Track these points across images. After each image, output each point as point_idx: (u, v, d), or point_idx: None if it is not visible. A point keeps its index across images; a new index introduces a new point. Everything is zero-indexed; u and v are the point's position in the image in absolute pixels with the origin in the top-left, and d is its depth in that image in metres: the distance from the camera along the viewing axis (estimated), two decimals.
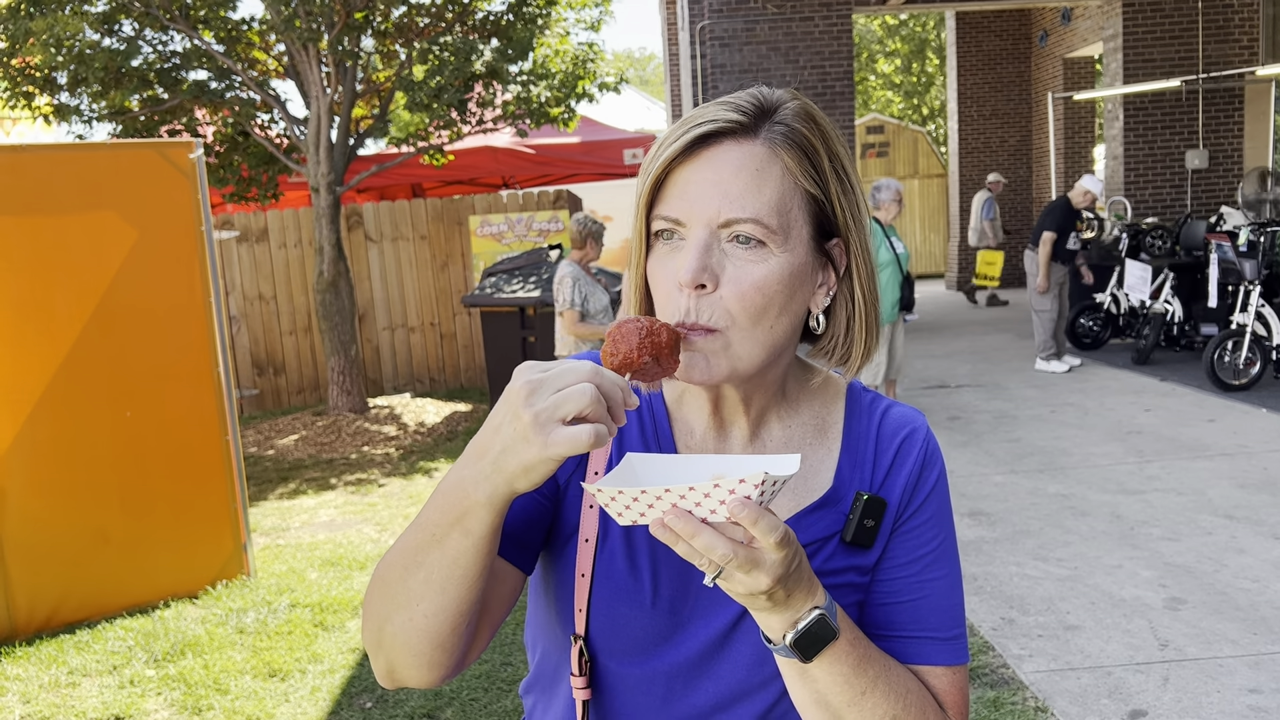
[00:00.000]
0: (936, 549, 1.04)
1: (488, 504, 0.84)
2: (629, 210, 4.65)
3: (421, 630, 0.92)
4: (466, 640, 0.95)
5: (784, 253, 0.95)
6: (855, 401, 1.09)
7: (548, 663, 1.09)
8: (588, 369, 0.81)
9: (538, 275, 8.31)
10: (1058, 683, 3.58)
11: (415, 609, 0.91)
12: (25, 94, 8.15)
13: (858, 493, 1.02)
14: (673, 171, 0.96)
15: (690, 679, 1.00)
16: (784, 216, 0.94)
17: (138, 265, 4.76)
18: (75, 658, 4.27)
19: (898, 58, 27.66)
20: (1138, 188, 12.70)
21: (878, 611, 1.03)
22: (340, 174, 8.66)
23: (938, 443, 1.09)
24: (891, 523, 1.03)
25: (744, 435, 1.06)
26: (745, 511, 0.78)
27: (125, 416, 4.74)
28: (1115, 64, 12.68)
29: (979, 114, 17.14)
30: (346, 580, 5.07)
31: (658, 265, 0.97)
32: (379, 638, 0.95)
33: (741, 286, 0.93)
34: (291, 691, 3.88)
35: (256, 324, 10.57)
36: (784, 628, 0.87)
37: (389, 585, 0.93)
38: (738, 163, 0.94)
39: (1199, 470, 5.98)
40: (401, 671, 0.96)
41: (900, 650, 1.01)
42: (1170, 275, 9.61)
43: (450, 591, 0.90)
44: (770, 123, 0.96)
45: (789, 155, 0.95)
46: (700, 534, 0.78)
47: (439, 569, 0.89)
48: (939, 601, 1.03)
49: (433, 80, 7.95)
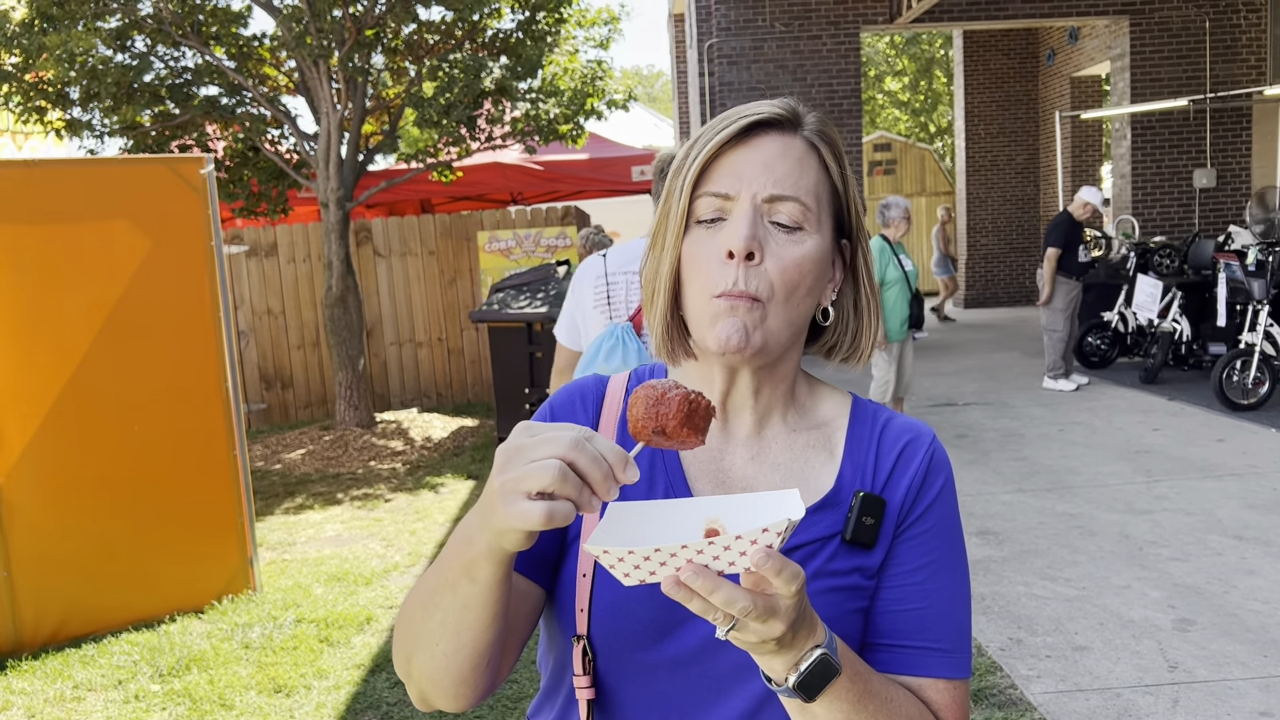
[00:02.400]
0: (942, 558, 1.05)
1: (488, 555, 0.85)
2: (635, 225, 4.69)
3: (443, 669, 0.95)
4: (493, 669, 0.98)
5: (817, 235, 1.02)
6: (860, 410, 1.12)
7: (554, 675, 1.10)
8: (569, 440, 0.77)
9: (545, 291, 8.33)
10: (1066, 704, 3.56)
11: (435, 649, 0.94)
12: (38, 109, 8.20)
13: (856, 491, 1.04)
14: (719, 156, 1.01)
15: (689, 671, 1.01)
16: (818, 203, 1.02)
17: (148, 280, 4.78)
18: (81, 672, 4.27)
19: (905, 76, 27.74)
20: (1145, 206, 12.70)
21: (882, 619, 1.03)
22: (350, 189, 8.70)
23: (946, 453, 1.10)
24: (894, 526, 1.04)
25: (747, 430, 1.08)
26: (770, 563, 0.76)
27: (133, 430, 4.75)
28: (1123, 83, 12.70)
29: (986, 132, 17.17)
30: (352, 596, 5.07)
31: (696, 246, 1.01)
32: (408, 669, 0.99)
33: (784, 262, 0.99)
34: (296, 708, 3.88)
35: (265, 338, 10.60)
36: (786, 669, 0.86)
37: (412, 623, 0.96)
38: (783, 149, 1.01)
39: (1208, 490, 5.96)
40: (433, 701, 1.00)
41: (901, 661, 1.02)
42: (1178, 294, 9.60)
43: (465, 634, 0.92)
44: (802, 123, 1.04)
45: (824, 150, 1.04)
46: (720, 589, 0.76)
47: (453, 612, 0.91)
48: (943, 612, 1.03)
49: (442, 97, 8.00)
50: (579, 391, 1.13)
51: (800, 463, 1.08)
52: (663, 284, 1.04)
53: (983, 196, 17.17)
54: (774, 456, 1.08)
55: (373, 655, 4.33)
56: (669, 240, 1.03)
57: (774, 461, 1.08)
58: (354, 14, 8.04)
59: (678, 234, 1.02)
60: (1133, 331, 10.37)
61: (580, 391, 1.13)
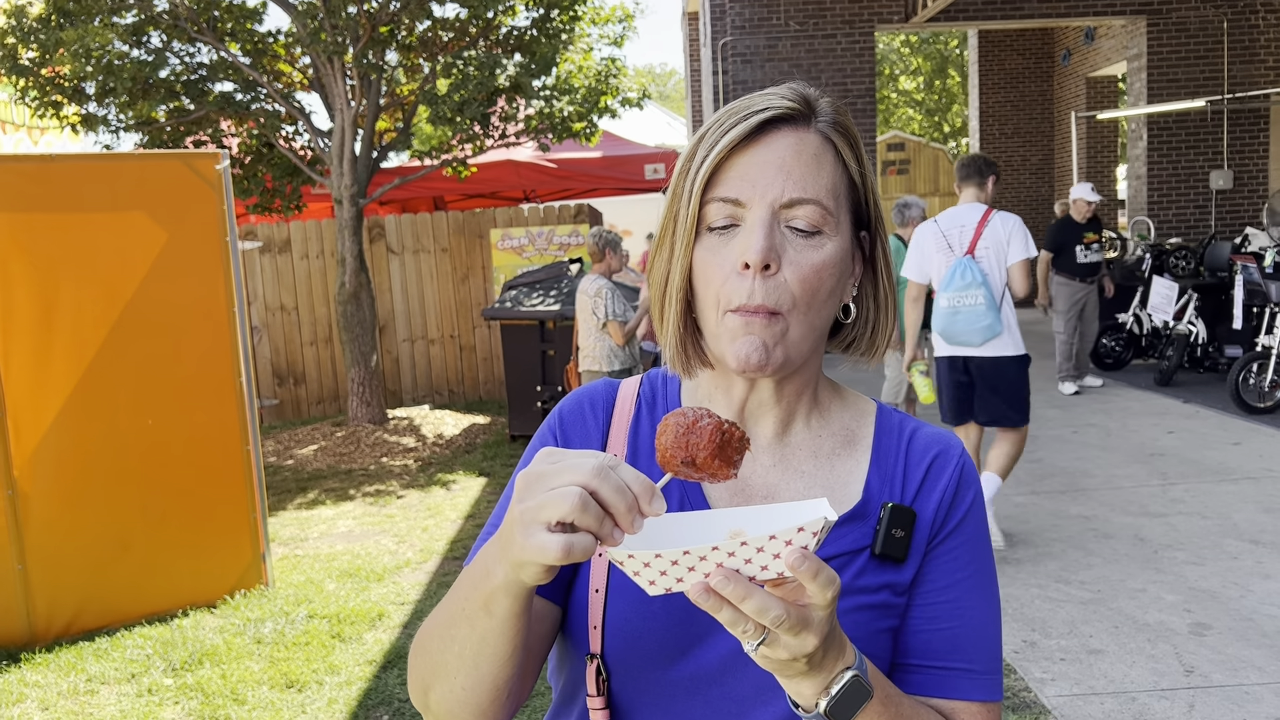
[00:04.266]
0: (974, 575, 1.01)
1: (505, 589, 0.81)
2: (648, 224, 4.70)
3: (462, 702, 0.91)
4: (513, 699, 0.94)
5: (837, 236, 0.96)
6: (885, 418, 1.07)
7: (565, 693, 1.06)
8: (592, 468, 0.73)
9: (558, 289, 8.33)
10: (1081, 708, 3.53)
11: (454, 681, 0.90)
12: (54, 103, 8.24)
13: (884, 502, 0.99)
14: (729, 158, 0.95)
15: (709, 692, 0.96)
16: (837, 201, 0.96)
17: (163, 275, 4.79)
18: (94, 665, 4.28)
19: (920, 75, 27.65)
20: (1161, 208, 12.63)
21: (914, 638, 0.99)
22: (363, 186, 8.71)
23: (975, 467, 1.06)
24: (925, 541, 1.00)
25: (769, 436, 1.03)
26: (806, 565, 0.71)
27: (147, 424, 4.76)
28: (1139, 83, 12.63)
29: (1001, 132, 17.10)
30: (364, 592, 5.07)
31: (709, 255, 0.95)
32: (425, 701, 0.94)
33: (803, 270, 0.93)
34: (308, 703, 3.88)
35: (278, 334, 10.63)
36: (816, 693, 0.81)
37: (429, 654, 0.92)
38: (797, 147, 0.95)
39: (1223, 494, 5.92)
40: None
41: (933, 682, 0.98)
42: (1194, 296, 9.54)
43: (483, 667, 0.88)
44: (816, 113, 0.97)
45: (840, 142, 0.97)
46: (752, 596, 0.72)
47: (470, 645, 0.87)
48: (976, 631, 0.99)
49: (456, 94, 8.00)
50: (589, 397, 1.09)
51: (826, 470, 1.03)
52: (674, 293, 0.98)
53: (997, 197, 17.08)
54: (798, 464, 1.03)
55: (384, 651, 4.33)
56: (679, 247, 0.97)
57: (798, 469, 1.03)
58: (368, 10, 8.04)
59: (688, 241, 0.96)
60: (1148, 334, 10.31)
61: (590, 397, 1.09)
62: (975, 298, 4.95)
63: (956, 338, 5.06)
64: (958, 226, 5.12)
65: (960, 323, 5.01)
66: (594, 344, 6.52)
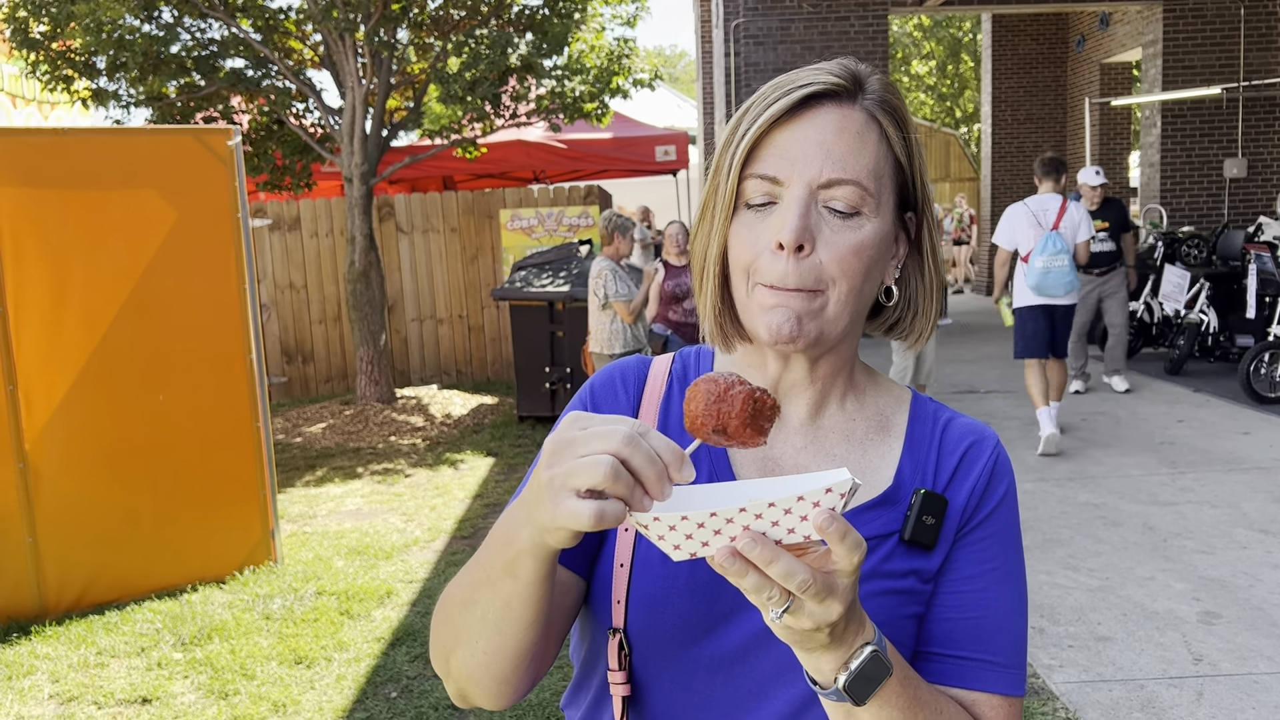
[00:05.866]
0: (1002, 567, 0.99)
1: (531, 552, 0.80)
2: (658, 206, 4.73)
3: (484, 666, 0.91)
4: (535, 665, 0.94)
5: (876, 218, 0.94)
6: (920, 406, 1.06)
7: (586, 667, 1.06)
8: (623, 435, 0.72)
9: (567, 270, 8.31)
10: (1089, 694, 3.53)
11: (475, 645, 0.90)
12: (65, 78, 8.22)
13: (916, 489, 0.98)
14: (770, 132, 0.93)
15: (730, 670, 0.96)
16: (879, 182, 0.94)
17: (174, 250, 4.78)
18: (104, 638, 4.30)
19: (932, 60, 27.49)
20: (1174, 196, 12.55)
21: (938, 626, 0.97)
22: (373, 165, 8.69)
23: (1009, 459, 1.04)
24: (955, 529, 0.98)
25: (802, 416, 1.02)
26: (834, 526, 0.70)
27: (158, 400, 4.77)
28: (1154, 70, 12.53)
29: (1013, 118, 17.00)
30: (372, 569, 5.09)
31: (744, 230, 0.94)
32: (446, 667, 0.95)
33: (840, 250, 0.92)
34: (317, 679, 3.90)
35: (286, 312, 10.63)
36: (836, 668, 0.80)
37: (451, 618, 0.93)
38: (840, 125, 0.93)
39: (1233, 483, 5.90)
40: (472, 698, 0.96)
41: (955, 672, 0.96)
42: (1206, 285, 9.49)
43: (506, 631, 0.87)
44: (864, 90, 0.95)
45: (886, 122, 0.95)
46: (779, 559, 0.70)
47: (494, 609, 0.87)
48: (1001, 623, 0.98)
49: (467, 73, 7.96)
50: (620, 372, 1.08)
51: (858, 454, 1.02)
52: (711, 266, 0.98)
53: (1008, 183, 17.00)
54: (830, 446, 1.02)
55: (393, 629, 4.34)
56: (717, 221, 0.96)
57: (830, 452, 1.02)
58: None
59: (725, 216, 0.95)
60: (1158, 322, 10.27)
61: (621, 372, 1.08)
62: (1063, 261, 6.58)
63: (1047, 290, 6.63)
64: (1043, 209, 6.71)
65: (1051, 279, 6.57)
66: (598, 326, 6.54)
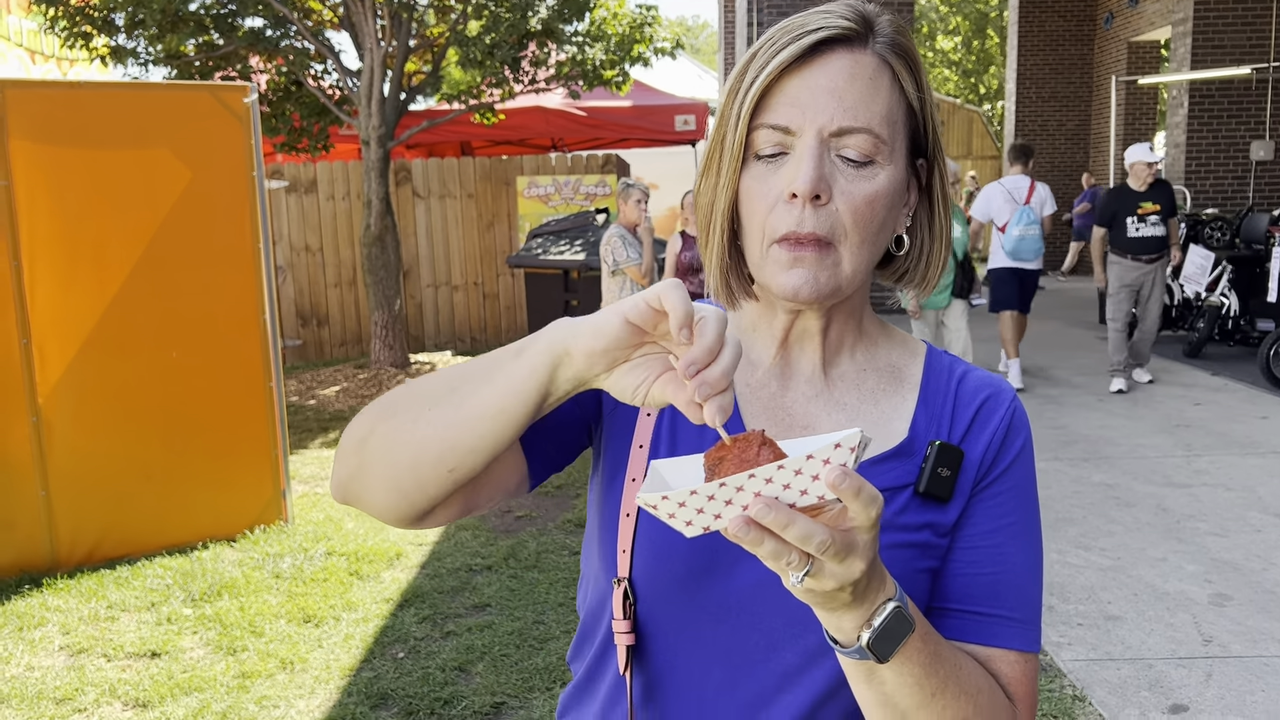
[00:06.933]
0: (1020, 521, 0.97)
1: (545, 350, 0.80)
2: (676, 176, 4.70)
3: (408, 451, 0.85)
4: (440, 491, 0.87)
5: (890, 166, 0.91)
6: (935, 359, 1.04)
7: (590, 617, 1.04)
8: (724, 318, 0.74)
9: (583, 238, 8.27)
10: (1096, 672, 3.52)
11: (416, 423, 0.84)
12: (83, 34, 8.19)
13: (931, 441, 0.96)
14: (779, 80, 0.90)
15: (737, 620, 0.94)
16: (892, 128, 0.91)
17: (189, 207, 4.77)
18: (115, 593, 4.33)
19: (958, 35, 27.17)
20: (1199, 177, 12.40)
21: (954, 582, 0.96)
22: (391, 128, 8.65)
23: (1025, 413, 1.02)
24: (972, 483, 0.96)
25: (812, 366, 1.00)
26: (848, 482, 0.68)
27: (171, 358, 4.77)
28: (1183, 49, 12.35)
29: (1038, 96, 16.80)
30: (382, 531, 5.10)
31: (755, 183, 0.91)
32: (363, 445, 0.88)
33: (855, 200, 0.89)
34: (325, 638, 3.91)
35: (302, 275, 10.64)
36: (858, 626, 0.78)
37: (396, 402, 0.87)
38: (851, 70, 0.90)
39: (1249, 467, 5.85)
40: (364, 481, 0.89)
41: (972, 628, 0.95)
42: (1228, 267, 9.37)
43: (456, 425, 0.83)
44: (874, 33, 0.92)
45: (898, 65, 0.92)
46: (795, 523, 0.68)
47: (465, 401, 0.82)
48: (1018, 579, 0.96)
49: (487, 36, 7.90)
50: None
51: (870, 405, 1.00)
52: (719, 221, 0.94)
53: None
54: (841, 396, 1.00)
55: (402, 590, 4.36)
56: (725, 174, 0.93)
57: (840, 401, 0.99)
58: None
59: (734, 168, 0.92)
60: (1179, 304, 10.16)
61: None
62: (1034, 230, 7.76)
63: (1020, 255, 7.80)
64: (1017, 188, 7.88)
65: (1024, 245, 7.75)
66: (609, 294, 6.54)
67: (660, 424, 0.99)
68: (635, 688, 0.98)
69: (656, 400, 0.77)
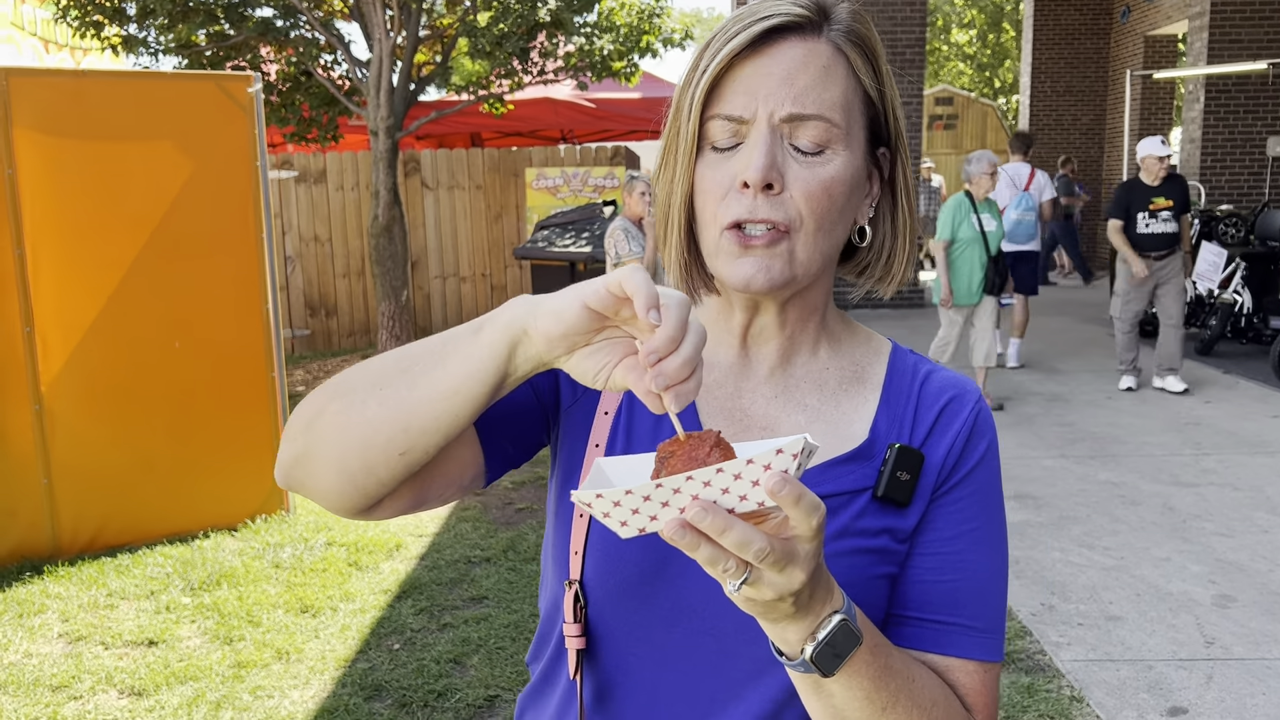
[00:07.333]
0: (983, 527, 0.94)
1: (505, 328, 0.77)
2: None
3: (358, 432, 0.82)
4: (390, 477, 0.84)
5: (846, 153, 0.89)
6: (900, 358, 1.01)
7: (547, 620, 1.02)
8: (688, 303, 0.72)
9: (590, 231, 8.25)
10: (1095, 673, 3.49)
11: (368, 402, 0.81)
12: (95, 23, 8.20)
13: (891, 443, 0.93)
14: (731, 69, 0.88)
15: (690, 624, 0.91)
16: (848, 115, 0.89)
17: (193, 196, 4.77)
18: (115, 580, 4.35)
19: (973, 28, 26.99)
20: (1214, 173, 12.28)
21: (912, 589, 0.93)
22: (400, 119, 8.64)
23: (991, 415, 0.99)
24: (932, 487, 0.93)
25: (771, 363, 0.97)
26: (787, 489, 0.65)
27: (174, 347, 4.78)
28: (1200, 43, 12.23)
29: (1053, 90, 16.67)
30: (382, 523, 5.10)
31: (710, 173, 0.89)
32: (312, 424, 0.85)
33: (809, 187, 0.87)
34: (322, 628, 3.92)
35: (311, 265, 10.65)
36: (802, 639, 0.75)
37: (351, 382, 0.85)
38: (804, 58, 0.88)
39: (1258, 467, 5.79)
40: (310, 464, 0.86)
41: (930, 637, 0.92)
42: (1242, 265, 9.28)
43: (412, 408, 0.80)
44: (830, 21, 0.90)
45: (853, 54, 0.90)
46: (732, 529, 0.66)
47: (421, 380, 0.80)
48: (980, 587, 0.93)
49: (496, 27, 7.88)
50: None
51: (831, 406, 0.97)
52: (676, 214, 0.92)
53: (1044, 157, 16.69)
54: (802, 396, 0.97)
55: (400, 581, 4.35)
56: (680, 166, 0.91)
57: (801, 402, 0.96)
58: None
59: (689, 160, 0.90)
60: (1191, 301, 10.07)
61: None
62: (1031, 215, 8.27)
63: (1017, 238, 8.16)
64: (1018, 174, 8.71)
65: (1021, 229, 8.19)
66: None
67: (617, 423, 0.96)
68: (587, 692, 0.96)
69: (618, 385, 0.75)
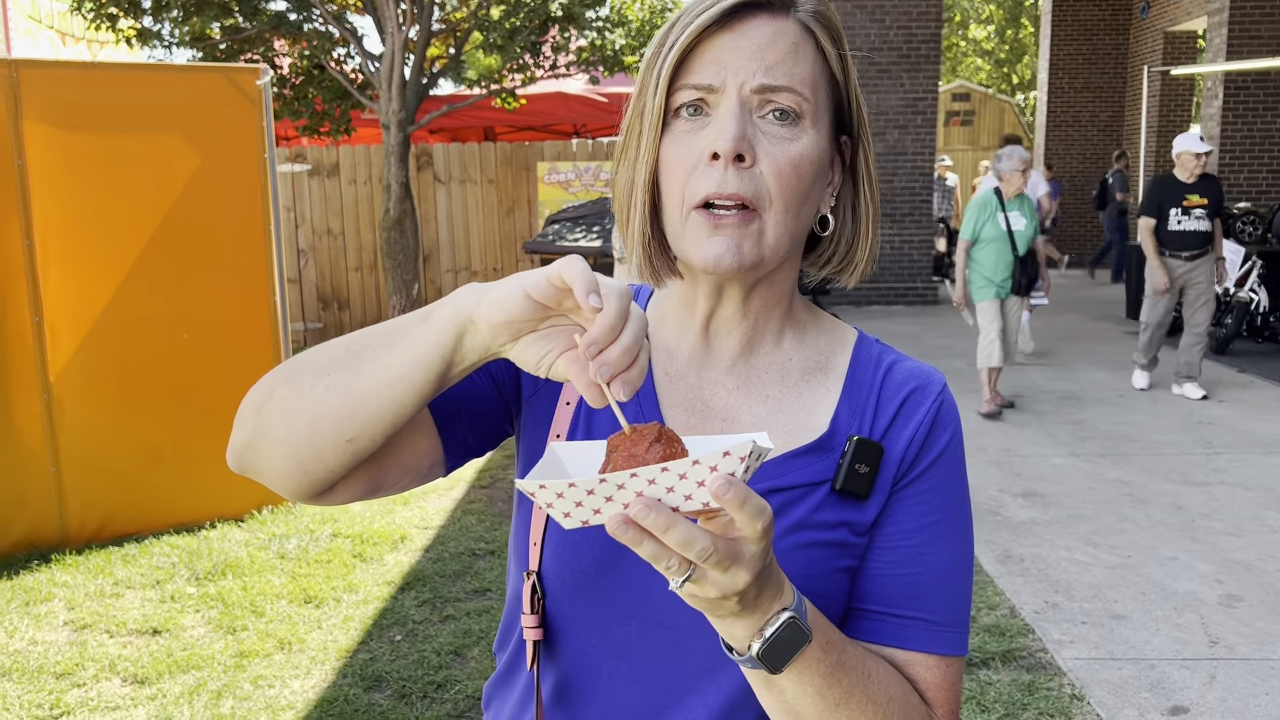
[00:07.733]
0: (944, 520, 0.93)
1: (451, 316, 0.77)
2: None
3: (306, 416, 0.82)
4: (339, 464, 0.84)
5: (814, 131, 0.88)
6: (864, 348, 0.99)
7: (509, 611, 1.02)
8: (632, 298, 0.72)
9: (601, 225, 8.25)
10: (1097, 672, 3.47)
11: (316, 387, 0.82)
12: (110, 16, 8.26)
13: (850, 435, 0.92)
14: (701, 43, 0.87)
15: (645, 616, 0.91)
16: (815, 93, 0.88)
17: (201, 189, 4.79)
18: (121, 570, 4.38)
19: (991, 24, 26.82)
20: (1232, 170, 12.18)
21: (872, 582, 0.92)
22: (412, 112, 8.66)
23: (955, 404, 0.97)
24: (892, 479, 0.92)
25: (733, 353, 0.96)
26: (731, 493, 0.65)
27: (182, 338, 4.80)
28: (1219, 39, 12.12)
29: (1070, 86, 16.56)
30: (388, 514, 5.12)
31: (676, 147, 0.87)
32: (261, 408, 0.85)
33: (779, 163, 0.85)
34: (325, 619, 3.93)
35: (323, 258, 10.69)
36: (750, 636, 0.75)
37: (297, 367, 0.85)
38: (774, 34, 0.87)
39: (1270, 466, 5.74)
40: (260, 449, 0.86)
41: (889, 630, 0.91)
42: (1259, 263, 9.20)
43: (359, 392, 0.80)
44: (796, 3, 0.89)
45: (821, 35, 0.89)
46: (675, 527, 0.65)
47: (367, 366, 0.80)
48: (941, 580, 0.92)
49: (508, 21, 7.88)
50: None
51: (793, 397, 0.95)
52: (639, 195, 0.89)
53: (1062, 153, 16.61)
54: (763, 388, 0.95)
55: (403, 573, 4.37)
56: (644, 144, 0.88)
57: (763, 393, 0.95)
58: None
59: (654, 136, 0.87)
60: None
61: None
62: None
63: None
64: None
65: None
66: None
67: (578, 414, 0.96)
68: (545, 683, 0.96)
69: (560, 375, 0.75)
